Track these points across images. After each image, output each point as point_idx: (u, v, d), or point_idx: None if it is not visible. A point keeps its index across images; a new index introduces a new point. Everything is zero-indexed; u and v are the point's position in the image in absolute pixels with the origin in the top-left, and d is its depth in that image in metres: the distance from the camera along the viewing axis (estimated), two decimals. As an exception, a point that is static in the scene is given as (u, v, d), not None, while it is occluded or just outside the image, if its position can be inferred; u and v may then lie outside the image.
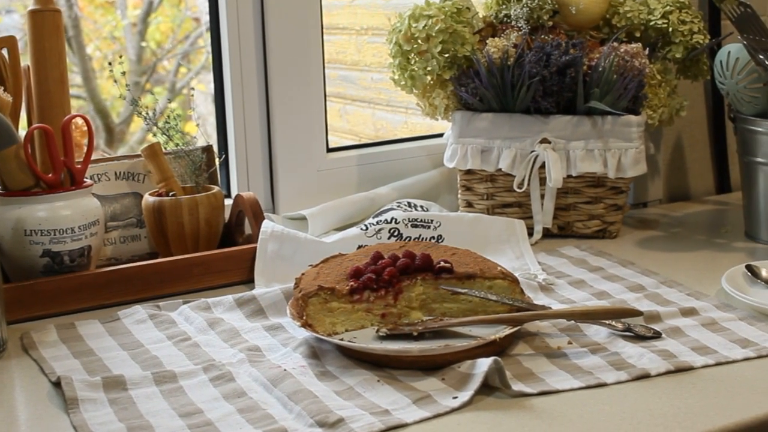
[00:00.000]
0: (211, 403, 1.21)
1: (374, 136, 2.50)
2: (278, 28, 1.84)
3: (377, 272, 1.41)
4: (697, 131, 2.16)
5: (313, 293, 1.38)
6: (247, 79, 1.84)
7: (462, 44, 1.78)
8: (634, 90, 1.76)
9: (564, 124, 1.78)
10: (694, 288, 1.58)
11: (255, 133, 1.87)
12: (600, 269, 1.67)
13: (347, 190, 1.94)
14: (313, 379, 1.26)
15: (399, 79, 1.84)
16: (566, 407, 1.20)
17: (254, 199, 1.72)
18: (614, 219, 1.85)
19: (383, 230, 1.70)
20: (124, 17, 3.02)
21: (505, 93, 1.77)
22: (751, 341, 1.37)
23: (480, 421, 1.17)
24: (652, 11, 1.88)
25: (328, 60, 1.97)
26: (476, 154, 1.81)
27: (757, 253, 1.76)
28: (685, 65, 1.93)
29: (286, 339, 1.40)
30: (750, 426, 1.17)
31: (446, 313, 1.43)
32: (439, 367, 1.28)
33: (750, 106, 1.79)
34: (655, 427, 1.15)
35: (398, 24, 1.81)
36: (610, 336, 1.39)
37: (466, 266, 1.44)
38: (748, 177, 1.82)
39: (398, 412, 1.18)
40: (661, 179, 2.12)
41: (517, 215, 1.84)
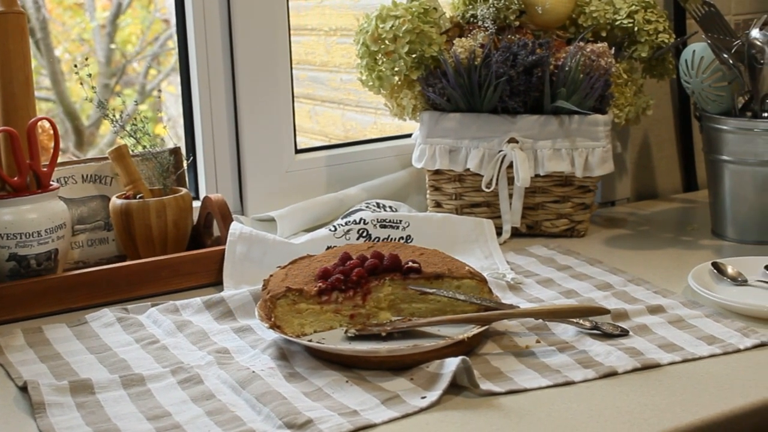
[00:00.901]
0: (179, 406, 1.21)
1: (344, 137, 2.50)
2: (245, 29, 1.83)
3: (345, 273, 1.41)
4: (664, 130, 2.17)
5: (281, 295, 1.38)
6: (215, 80, 1.84)
7: (429, 44, 1.78)
8: (600, 89, 1.77)
9: (531, 123, 1.78)
10: (662, 286, 1.59)
11: (223, 135, 1.87)
12: (568, 268, 1.68)
13: (316, 192, 1.94)
14: (281, 380, 1.26)
15: (367, 79, 1.84)
16: (534, 406, 1.20)
17: (222, 201, 1.71)
18: (582, 218, 1.85)
19: (352, 231, 1.70)
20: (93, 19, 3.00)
21: (473, 93, 1.78)
22: (717, 338, 1.38)
23: (448, 420, 1.17)
24: (618, 11, 1.89)
25: (297, 61, 1.97)
26: (444, 154, 1.82)
27: (724, 251, 1.78)
28: (650, 64, 1.94)
29: (254, 341, 1.40)
30: (716, 422, 1.18)
31: (415, 313, 1.43)
32: (407, 367, 1.28)
33: (715, 104, 1.81)
34: (621, 424, 1.16)
35: (365, 25, 1.81)
36: (578, 334, 1.39)
37: (435, 266, 1.45)
38: (714, 175, 1.83)
39: (367, 413, 1.18)
40: (628, 178, 2.13)
41: (485, 215, 1.84)
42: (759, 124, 1.75)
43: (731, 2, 2.19)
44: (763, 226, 1.79)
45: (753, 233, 1.80)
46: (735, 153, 1.78)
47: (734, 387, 1.25)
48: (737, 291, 1.56)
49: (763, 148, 1.75)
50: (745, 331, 1.40)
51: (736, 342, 1.37)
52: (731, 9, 2.19)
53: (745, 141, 1.76)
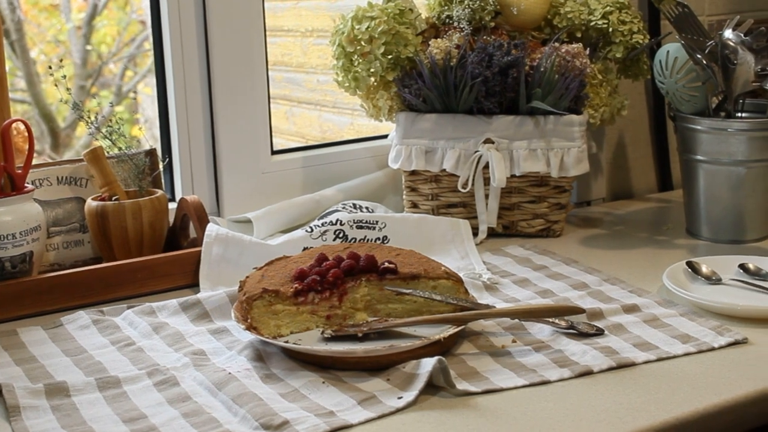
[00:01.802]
0: (155, 408, 1.21)
1: (321, 138, 2.50)
2: (221, 31, 1.83)
3: (322, 274, 1.41)
4: (639, 130, 2.18)
5: (257, 296, 1.37)
6: (190, 82, 1.84)
7: (405, 45, 1.79)
8: (575, 90, 1.77)
9: (507, 124, 1.79)
10: (637, 285, 1.60)
11: (199, 137, 1.86)
12: (544, 268, 1.68)
13: (292, 193, 1.94)
14: (258, 381, 1.26)
15: (343, 80, 1.84)
16: (510, 405, 1.21)
17: (198, 203, 1.71)
18: (558, 218, 1.86)
19: (328, 232, 1.70)
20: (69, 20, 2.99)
21: (448, 94, 1.78)
22: (691, 336, 1.39)
23: (424, 420, 1.17)
24: (593, 12, 1.90)
25: (273, 62, 1.96)
26: (420, 154, 1.82)
27: (698, 250, 1.79)
28: (625, 65, 1.95)
29: (231, 342, 1.40)
30: (690, 420, 1.19)
31: (391, 314, 1.43)
32: (384, 368, 1.29)
33: (689, 104, 1.82)
34: (597, 423, 1.16)
35: (341, 26, 1.81)
36: (554, 334, 1.40)
37: (411, 267, 1.45)
38: (688, 175, 1.84)
39: (343, 413, 1.18)
40: (603, 178, 2.14)
41: (461, 215, 1.85)
42: (732, 124, 1.77)
43: (705, 3, 2.20)
44: (736, 226, 1.81)
45: (727, 232, 1.81)
46: (709, 153, 1.79)
47: (708, 385, 1.25)
48: (711, 290, 1.57)
49: (737, 147, 1.76)
50: (719, 330, 1.41)
51: (710, 340, 1.38)
52: (705, 10, 2.20)
53: (719, 141, 1.77)
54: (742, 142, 1.76)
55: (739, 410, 1.23)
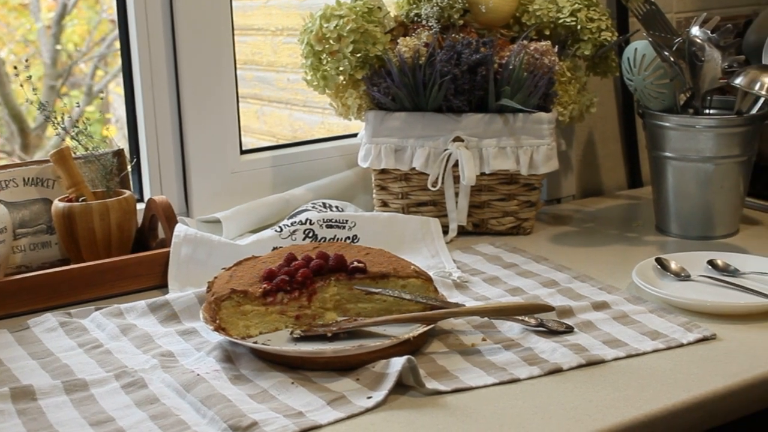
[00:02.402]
0: (122, 411, 1.20)
1: (292, 137, 2.49)
2: (188, 30, 1.82)
3: (290, 274, 1.40)
4: (608, 127, 2.19)
5: (225, 296, 1.37)
6: (158, 82, 1.82)
7: (374, 44, 1.78)
8: (544, 87, 1.78)
9: (476, 122, 1.79)
10: (606, 282, 1.60)
11: (167, 137, 1.85)
12: (514, 266, 1.68)
13: (262, 192, 1.93)
14: (226, 383, 1.26)
15: (311, 79, 1.83)
16: (480, 404, 1.21)
17: (167, 203, 1.70)
18: (528, 215, 1.86)
19: (298, 231, 1.69)
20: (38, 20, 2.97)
21: (418, 92, 1.78)
22: (660, 333, 1.39)
23: (394, 420, 1.17)
24: (561, 9, 1.90)
25: (243, 61, 1.95)
26: (390, 153, 1.82)
27: (667, 246, 1.79)
28: (594, 62, 1.95)
29: (199, 343, 1.39)
30: (659, 417, 1.19)
31: (361, 313, 1.43)
32: (353, 368, 1.28)
33: (657, 101, 1.82)
34: (566, 420, 1.17)
35: (309, 24, 1.81)
36: (524, 332, 1.40)
37: (380, 266, 1.45)
38: (657, 171, 1.85)
39: (312, 414, 1.17)
40: (573, 175, 2.14)
41: (432, 214, 1.84)
42: (700, 121, 1.77)
43: (673, 0, 2.21)
44: (705, 222, 1.82)
45: (696, 229, 1.82)
46: (677, 150, 1.79)
47: (677, 381, 1.26)
48: (680, 286, 1.57)
49: (705, 144, 1.77)
50: (688, 326, 1.41)
51: (679, 337, 1.38)
52: (673, 7, 2.21)
53: (687, 138, 1.78)
54: (710, 139, 1.76)
55: (708, 406, 1.24)
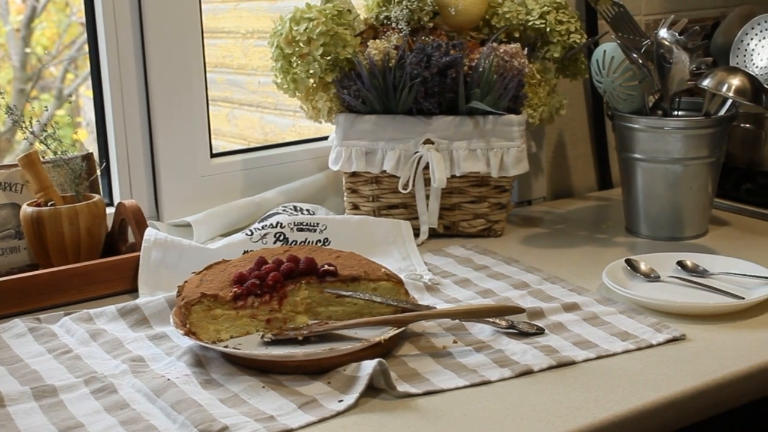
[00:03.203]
0: (92, 417, 1.19)
1: (263, 140, 2.49)
2: (157, 33, 1.81)
3: (261, 277, 1.40)
4: (578, 129, 2.20)
5: (195, 301, 1.36)
6: (127, 85, 1.81)
7: (343, 47, 1.78)
8: (514, 89, 1.78)
9: (446, 124, 1.79)
10: (577, 283, 1.61)
11: (136, 141, 1.84)
12: (485, 267, 1.69)
13: (232, 196, 1.92)
14: (197, 387, 1.25)
15: (281, 82, 1.83)
16: (451, 406, 1.21)
17: (136, 207, 1.69)
18: (499, 217, 1.87)
19: (269, 235, 1.69)
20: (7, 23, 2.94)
21: (388, 95, 1.78)
22: (630, 334, 1.40)
23: (365, 423, 1.17)
24: (530, 12, 1.90)
25: (214, 64, 1.95)
26: (360, 156, 1.82)
27: (637, 247, 1.80)
28: (563, 64, 1.96)
29: (170, 348, 1.38)
30: (629, 417, 1.20)
31: (332, 317, 1.43)
32: (324, 371, 1.28)
33: (626, 103, 1.83)
34: (537, 422, 1.17)
35: (279, 27, 1.80)
36: (495, 334, 1.40)
37: (351, 269, 1.45)
38: (627, 173, 1.86)
39: (283, 418, 1.17)
40: (544, 177, 2.15)
41: (403, 216, 1.85)
42: (669, 123, 1.78)
43: (642, 3, 2.22)
44: (674, 223, 1.83)
45: (665, 229, 1.83)
46: (646, 151, 1.80)
47: (647, 382, 1.27)
48: (650, 287, 1.58)
49: (674, 146, 1.78)
50: (657, 327, 1.42)
51: (648, 337, 1.39)
52: (642, 9, 2.22)
53: (656, 139, 1.79)
54: (678, 140, 1.77)
55: (677, 406, 1.24)
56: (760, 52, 1.81)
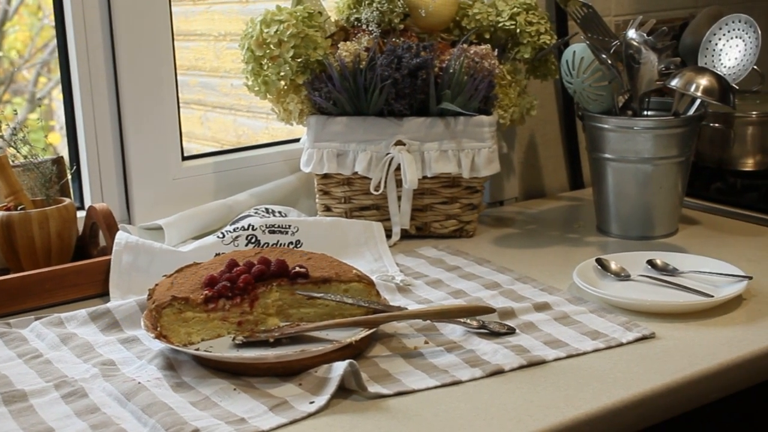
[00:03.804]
0: (63, 421, 1.19)
1: (236, 143, 2.48)
2: (127, 36, 1.80)
3: (232, 280, 1.40)
4: (549, 129, 2.21)
5: (166, 304, 1.36)
6: (97, 88, 1.81)
7: (314, 49, 1.78)
8: (484, 91, 1.79)
9: (417, 125, 1.79)
10: (548, 283, 1.61)
11: (107, 144, 1.83)
12: (457, 268, 1.69)
13: (204, 198, 1.92)
14: (168, 390, 1.25)
15: (253, 85, 1.83)
16: (422, 406, 1.21)
17: (107, 211, 1.68)
18: (470, 218, 1.87)
19: (240, 237, 1.69)
20: (-22, 27, 2.93)
21: (359, 96, 1.78)
22: (600, 333, 1.41)
23: (336, 424, 1.17)
24: (500, 13, 1.91)
25: (187, 67, 1.94)
26: (332, 157, 1.82)
27: (608, 247, 1.81)
28: (534, 65, 1.97)
29: (141, 351, 1.38)
30: (599, 415, 1.21)
31: (303, 318, 1.43)
32: (296, 373, 1.28)
33: (596, 104, 1.84)
34: (507, 421, 1.17)
35: (250, 29, 1.80)
36: (466, 334, 1.41)
37: (322, 270, 1.45)
38: (597, 173, 1.87)
39: (254, 420, 1.17)
40: (516, 177, 2.16)
41: (375, 217, 1.85)
42: (639, 123, 1.80)
43: (611, 4, 2.24)
44: (645, 222, 1.84)
45: (636, 229, 1.84)
46: (616, 151, 1.81)
47: (617, 380, 1.27)
48: (620, 286, 1.59)
49: (643, 145, 1.79)
50: (627, 325, 1.43)
51: (618, 336, 1.40)
52: (611, 10, 2.23)
53: (626, 139, 1.80)
54: (648, 140, 1.78)
55: (647, 404, 1.25)
56: (728, 52, 1.83)
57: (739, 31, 1.82)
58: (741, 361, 1.34)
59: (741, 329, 1.43)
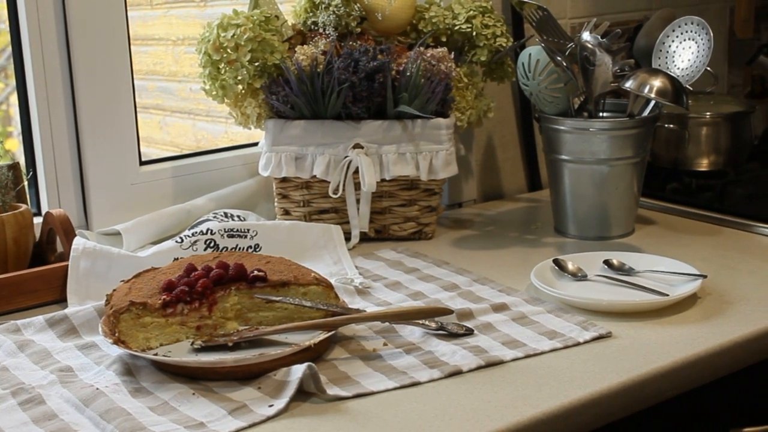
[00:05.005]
0: (19, 429, 1.18)
1: (196, 147, 2.47)
2: (83, 41, 1.79)
3: (190, 284, 1.40)
4: (507, 131, 2.22)
5: (124, 309, 1.36)
6: (53, 94, 1.80)
7: (271, 52, 1.78)
8: (441, 93, 1.80)
9: (375, 128, 1.80)
10: (506, 284, 1.63)
11: (64, 149, 1.82)
12: (416, 270, 1.70)
13: (163, 203, 1.91)
14: (126, 396, 1.25)
15: (210, 89, 1.82)
16: (381, 408, 1.22)
17: (64, 216, 1.67)
18: (429, 220, 1.88)
19: (199, 242, 1.68)
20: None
21: (316, 100, 1.79)
22: (558, 332, 1.42)
23: (295, 427, 1.17)
24: (457, 16, 1.92)
25: (145, 71, 1.93)
26: (290, 161, 1.82)
27: (566, 247, 1.83)
28: (490, 68, 1.98)
29: (99, 357, 1.37)
30: (556, 414, 1.22)
31: (262, 322, 1.43)
32: (255, 377, 1.28)
33: (552, 105, 1.86)
34: (465, 421, 1.18)
35: (207, 33, 1.80)
36: (425, 335, 1.42)
37: (280, 274, 1.45)
38: (554, 174, 1.88)
39: (213, 424, 1.17)
40: (474, 179, 2.17)
41: (334, 221, 1.85)
42: (594, 124, 1.81)
43: (567, 6, 2.25)
44: (601, 223, 1.85)
45: (592, 229, 1.86)
46: (573, 152, 1.83)
47: (574, 379, 1.29)
48: (577, 286, 1.60)
49: (599, 146, 1.80)
50: (584, 325, 1.44)
51: (576, 335, 1.41)
52: (567, 13, 2.25)
53: (582, 140, 1.81)
54: (603, 141, 1.80)
55: (604, 402, 1.26)
56: (681, 53, 1.85)
57: (691, 33, 1.85)
58: (695, 359, 1.36)
59: (696, 327, 1.45)
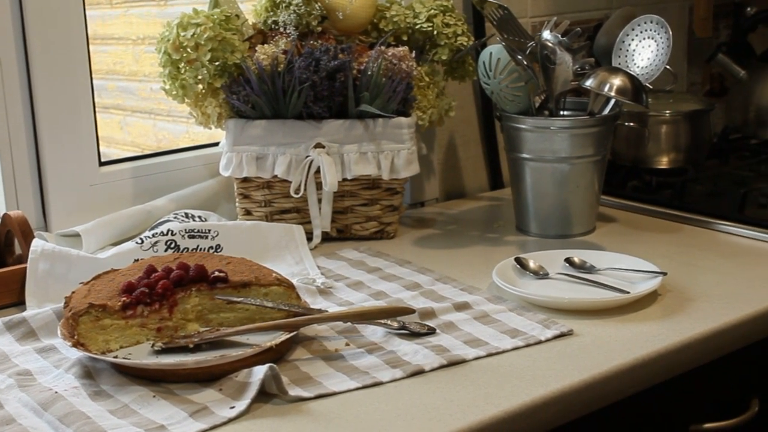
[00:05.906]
0: (-23, 433, 1.17)
1: (156, 147, 2.46)
2: (40, 42, 1.77)
3: (150, 286, 1.39)
4: (469, 130, 2.22)
5: (83, 311, 1.34)
6: (10, 94, 1.77)
7: (232, 52, 1.77)
8: (402, 92, 1.80)
9: (337, 128, 1.80)
10: (468, 283, 1.63)
11: (22, 150, 1.80)
12: (378, 270, 1.70)
13: (123, 204, 1.90)
14: (86, 399, 1.23)
15: (170, 89, 1.81)
16: (343, 408, 1.21)
17: (22, 218, 1.66)
18: (391, 219, 1.88)
19: (159, 243, 1.67)
20: None
21: (277, 99, 1.78)
22: (519, 331, 1.43)
23: (257, 429, 1.17)
24: (418, 15, 1.92)
25: (105, 71, 1.91)
26: (251, 161, 1.81)
27: (527, 246, 1.83)
28: (451, 67, 1.98)
29: (58, 360, 1.36)
30: (518, 412, 1.22)
31: (223, 323, 1.42)
32: (216, 378, 1.27)
33: (513, 104, 1.86)
34: (428, 421, 1.18)
35: (167, 33, 1.79)
36: (387, 335, 1.41)
37: (241, 274, 1.44)
38: (516, 173, 1.89)
39: (174, 427, 1.16)
40: (436, 178, 2.17)
41: (295, 221, 1.84)
42: (555, 122, 1.82)
43: (527, 5, 2.26)
44: (563, 221, 1.86)
45: (554, 228, 1.86)
46: (534, 151, 1.83)
47: (536, 377, 1.29)
48: (539, 284, 1.61)
49: (560, 145, 1.81)
50: (546, 323, 1.45)
51: (537, 334, 1.41)
52: (528, 12, 2.26)
53: (543, 139, 1.82)
54: (564, 140, 1.81)
55: (565, 400, 1.27)
56: (641, 52, 1.86)
57: (651, 32, 1.86)
58: (656, 355, 1.37)
59: (656, 324, 1.46)
